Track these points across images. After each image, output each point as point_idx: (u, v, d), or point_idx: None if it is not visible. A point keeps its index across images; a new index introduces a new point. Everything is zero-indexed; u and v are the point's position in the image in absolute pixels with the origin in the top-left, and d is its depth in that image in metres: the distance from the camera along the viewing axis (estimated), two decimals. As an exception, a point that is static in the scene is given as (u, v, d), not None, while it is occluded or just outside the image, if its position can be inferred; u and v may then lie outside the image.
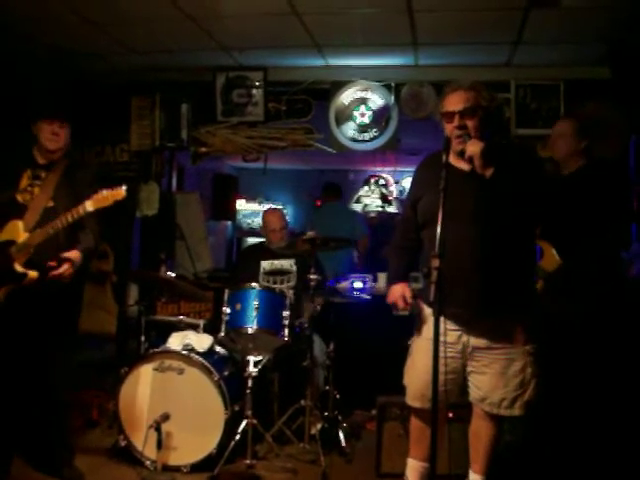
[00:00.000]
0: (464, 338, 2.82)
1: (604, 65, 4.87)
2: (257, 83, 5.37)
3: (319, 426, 4.09)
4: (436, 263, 2.40)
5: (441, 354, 2.45)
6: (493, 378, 2.82)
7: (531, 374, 2.81)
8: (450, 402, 2.89)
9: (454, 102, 2.79)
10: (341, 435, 4.10)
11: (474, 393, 2.88)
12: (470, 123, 2.76)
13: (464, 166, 2.81)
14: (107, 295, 5.11)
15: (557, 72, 5.09)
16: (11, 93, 4.91)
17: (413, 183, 3.13)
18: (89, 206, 3.21)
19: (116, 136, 5.65)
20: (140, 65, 5.33)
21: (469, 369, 2.86)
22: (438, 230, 2.43)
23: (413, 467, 3.04)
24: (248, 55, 5.11)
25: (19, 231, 3.31)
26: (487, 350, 2.80)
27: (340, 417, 4.25)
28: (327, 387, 4.36)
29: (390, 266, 3.18)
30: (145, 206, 5.53)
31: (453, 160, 2.81)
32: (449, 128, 2.81)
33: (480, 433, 2.94)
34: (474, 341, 2.80)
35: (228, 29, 4.54)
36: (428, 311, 2.86)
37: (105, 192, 3.22)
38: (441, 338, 2.45)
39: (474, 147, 2.70)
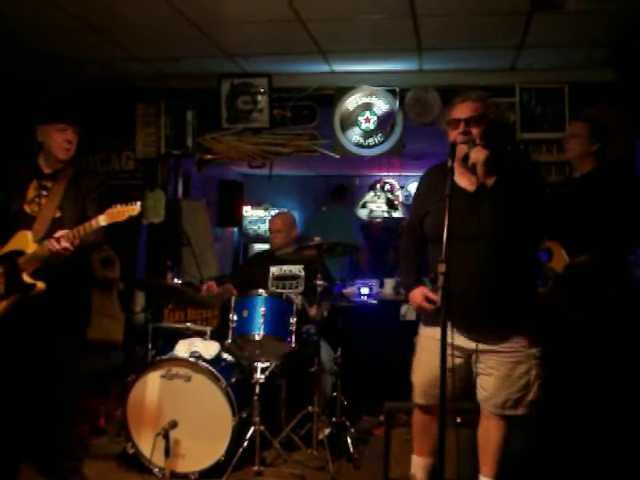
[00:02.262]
0: (471, 344, 2.85)
1: (609, 68, 4.86)
2: (262, 90, 5.37)
3: (327, 432, 4.09)
4: (442, 268, 2.45)
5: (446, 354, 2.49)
6: (499, 380, 2.86)
7: (535, 376, 2.86)
8: (455, 402, 2.89)
9: (462, 111, 2.86)
10: (349, 441, 4.09)
11: (480, 394, 2.94)
12: (475, 131, 2.81)
13: (468, 186, 2.86)
14: (114, 303, 5.10)
15: (562, 76, 5.07)
16: (14, 100, 4.93)
17: (418, 194, 3.18)
18: (102, 221, 3.15)
19: (121, 143, 5.66)
20: (145, 72, 5.35)
21: (475, 371, 2.91)
22: (444, 236, 2.47)
23: (418, 463, 3.08)
24: (253, 62, 5.12)
25: (28, 242, 3.29)
26: (494, 353, 2.85)
27: (348, 423, 4.24)
28: (335, 393, 4.35)
29: (403, 274, 3.24)
30: (151, 213, 5.53)
31: (457, 179, 2.84)
32: (454, 135, 2.85)
33: (489, 434, 2.95)
34: (481, 346, 2.84)
35: (232, 36, 4.54)
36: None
37: (120, 207, 3.16)
38: (447, 340, 2.48)
39: (478, 154, 2.74)
